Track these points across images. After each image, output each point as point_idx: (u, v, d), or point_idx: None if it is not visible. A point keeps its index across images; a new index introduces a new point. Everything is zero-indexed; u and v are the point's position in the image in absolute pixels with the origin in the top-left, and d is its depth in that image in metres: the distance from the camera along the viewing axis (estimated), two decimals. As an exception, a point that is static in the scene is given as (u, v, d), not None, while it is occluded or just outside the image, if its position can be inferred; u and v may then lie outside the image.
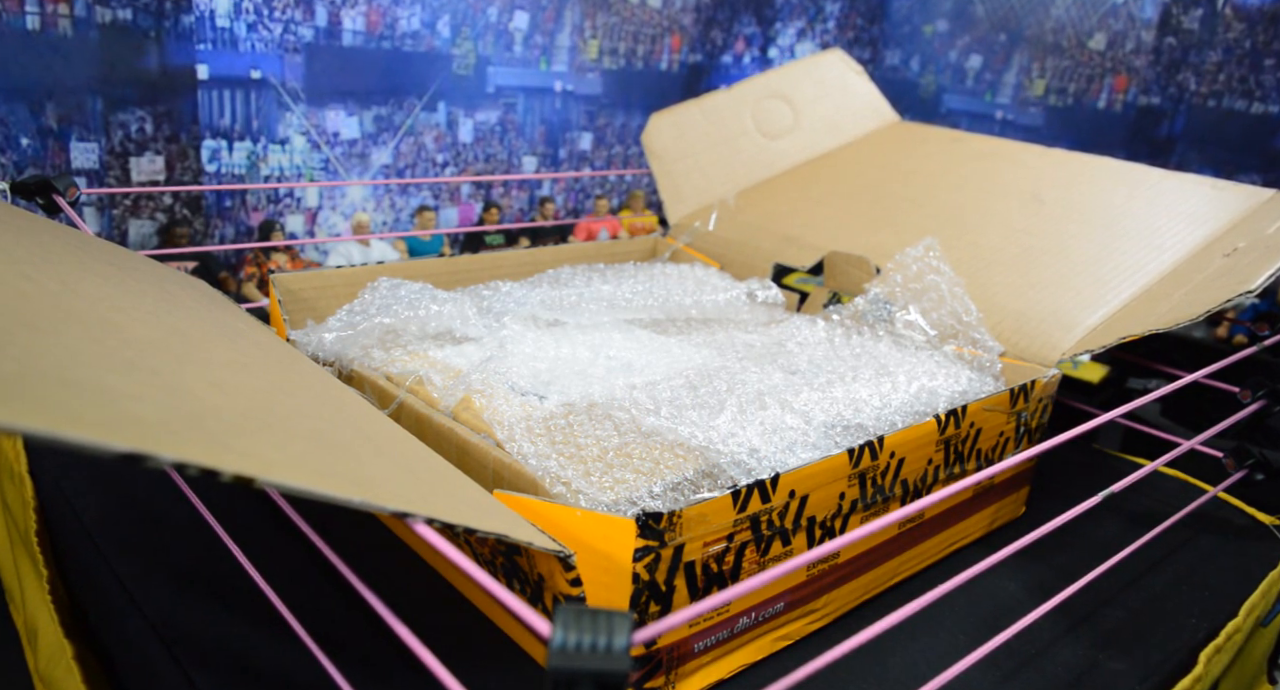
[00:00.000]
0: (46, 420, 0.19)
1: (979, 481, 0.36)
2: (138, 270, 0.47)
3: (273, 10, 3.32)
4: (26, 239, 0.41)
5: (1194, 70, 3.89)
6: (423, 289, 0.61)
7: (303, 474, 0.24)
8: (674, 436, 0.47)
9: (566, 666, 0.21)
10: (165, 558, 0.49)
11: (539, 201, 4.22)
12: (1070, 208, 0.74)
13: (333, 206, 3.69)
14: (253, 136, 3.38)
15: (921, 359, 0.61)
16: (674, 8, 4.38)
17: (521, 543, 0.31)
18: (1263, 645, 0.61)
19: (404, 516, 0.26)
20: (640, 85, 4.39)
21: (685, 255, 0.84)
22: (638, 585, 0.37)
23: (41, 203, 0.63)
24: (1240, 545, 0.60)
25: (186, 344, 0.35)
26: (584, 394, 0.52)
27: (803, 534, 0.43)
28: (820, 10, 4.91)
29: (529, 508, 0.38)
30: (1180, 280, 0.63)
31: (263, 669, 0.41)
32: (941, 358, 0.61)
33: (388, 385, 0.53)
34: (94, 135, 3.08)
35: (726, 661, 0.43)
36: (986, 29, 4.46)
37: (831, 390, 0.54)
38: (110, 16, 3.01)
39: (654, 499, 0.42)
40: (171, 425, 0.23)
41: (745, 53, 4.78)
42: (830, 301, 0.76)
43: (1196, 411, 0.66)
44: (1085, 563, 0.48)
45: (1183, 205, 0.73)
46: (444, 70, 3.78)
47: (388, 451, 0.36)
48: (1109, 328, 0.60)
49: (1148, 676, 0.46)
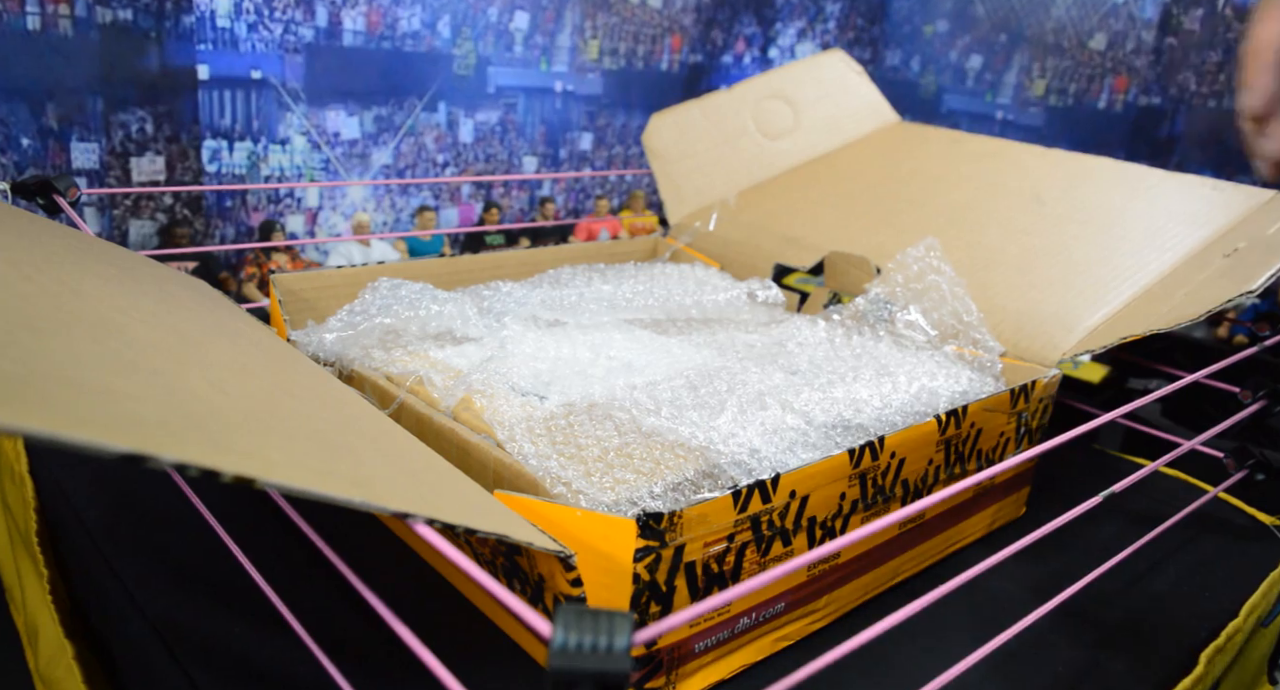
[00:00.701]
0: (47, 421, 0.19)
1: (979, 482, 0.36)
2: (138, 270, 0.47)
3: (273, 10, 3.32)
4: (27, 239, 0.41)
5: (1194, 70, 3.88)
6: (423, 289, 0.61)
7: (303, 474, 0.24)
8: (674, 437, 0.47)
9: (567, 667, 0.21)
10: (165, 558, 0.49)
11: (539, 202, 4.23)
12: (1070, 208, 0.74)
13: (333, 207, 3.70)
14: (253, 137, 3.38)
15: (922, 359, 0.61)
16: (674, 8, 4.38)
17: (522, 543, 0.31)
18: (1263, 646, 0.61)
19: (404, 517, 0.26)
20: (640, 85, 4.39)
21: (685, 255, 0.84)
22: (638, 585, 0.37)
23: (42, 203, 0.63)
24: (1240, 545, 0.60)
25: (187, 344, 0.35)
26: (584, 394, 0.52)
27: (803, 534, 0.43)
28: (820, 10, 4.91)
29: (529, 508, 0.38)
30: (1181, 280, 0.63)
31: (263, 669, 0.41)
32: (942, 358, 0.61)
33: (388, 385, 0.53)
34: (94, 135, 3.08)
35: (727, 662, 0.43)
36: (987, 29, 4.46)
37: (832, 390, 0.54)
38: (111, 17, 3.01)
39: (654, 499, 0.42)
40: (172, 426, 0.23)
41: (745, 53, 4.78)
42: (830, 301, 0.76)
43: (1197, 412, 0.66)
44: (1085, 563, 0.48)
45: (1183, 205, 0.73)
46: (444, 70, 3.78)
47: (388, 452, 0.36)
48: (1110, 328, 0.60)
49: (1148, 676, 0.46)
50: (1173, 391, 0.52)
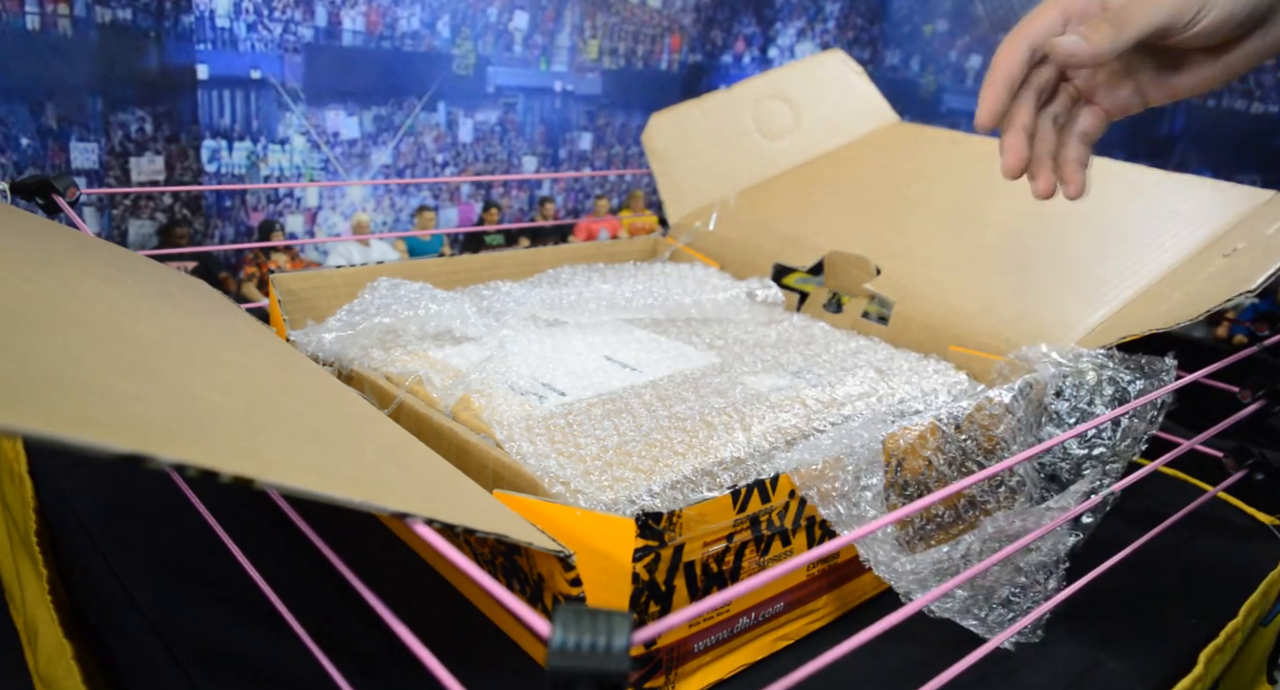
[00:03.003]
0: (46, 421, 0.19)
1: (979, 481, 0.36)
2: (138, 271, 0.47)
3: (273, 10, 3.32)
4: (26, 239, 0.41)
5: (1194, 70, 3.88)
6: (422, 289, 0.61)
7: (302, 474, 0.24)
8: (674, 436, 0.47)
9: (566, 666, 0.21)
10: (165, 558, 0.49)
11: (539, 201, 4.23)
12: (1070, 208, 0.74)
13: (333, 206, 3.70)
14: (253, 136, 3.38)
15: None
16: (674, 8, 4.38)
17: (521, 542, 0.31)
18: (1263, 645, 0.61)
19: (404, 517, 0.26)
20: (640, 85, 4.39)
21: (685, 255, 0.84)
22: (637, 585, 0.37)
23: (41, 203, 0.63)
24: (1240, 545, 0.60)
25: (186, 344, 0.35)
26: (584, 394, 0.52)
27: (803, 534, 0.43)
28: (820, 10, 4.91)
29: (529, 508, 0.38)
30: (1180, 280, 0.63)
31: (263, 669, 0.41)
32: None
33: (387, 385, 0.53)
34: (94, 135, 3.08)
35: (726, 661, 0.43)
36: (986, 29, 4.46)
37: (832, 390, 0.55)
38: (110, 16, 3.01)
39: (654, 498, 0.42)
40: (171, 426, 0.23)
41: (745, 53, 4.78)
42: (830, 301, 0.76)
43: (1196, 411, 0.66)
44: (1085, 563, 0.48)
45: (1183, 206, 0.73)
46: (444, 70, 3.78)
47: (387, 452, 0.36)
48: (1109, 327, 0.60)
49: (1148, 676, 0.46)
50: (1172, 391, 0.52)
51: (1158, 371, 0.53)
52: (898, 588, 0.41)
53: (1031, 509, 0.50)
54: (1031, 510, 0.48)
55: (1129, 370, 0.54)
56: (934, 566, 0.43)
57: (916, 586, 0.41)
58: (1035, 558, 0.46)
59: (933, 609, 0.43)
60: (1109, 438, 0.53)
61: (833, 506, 0.41)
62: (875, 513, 0.41)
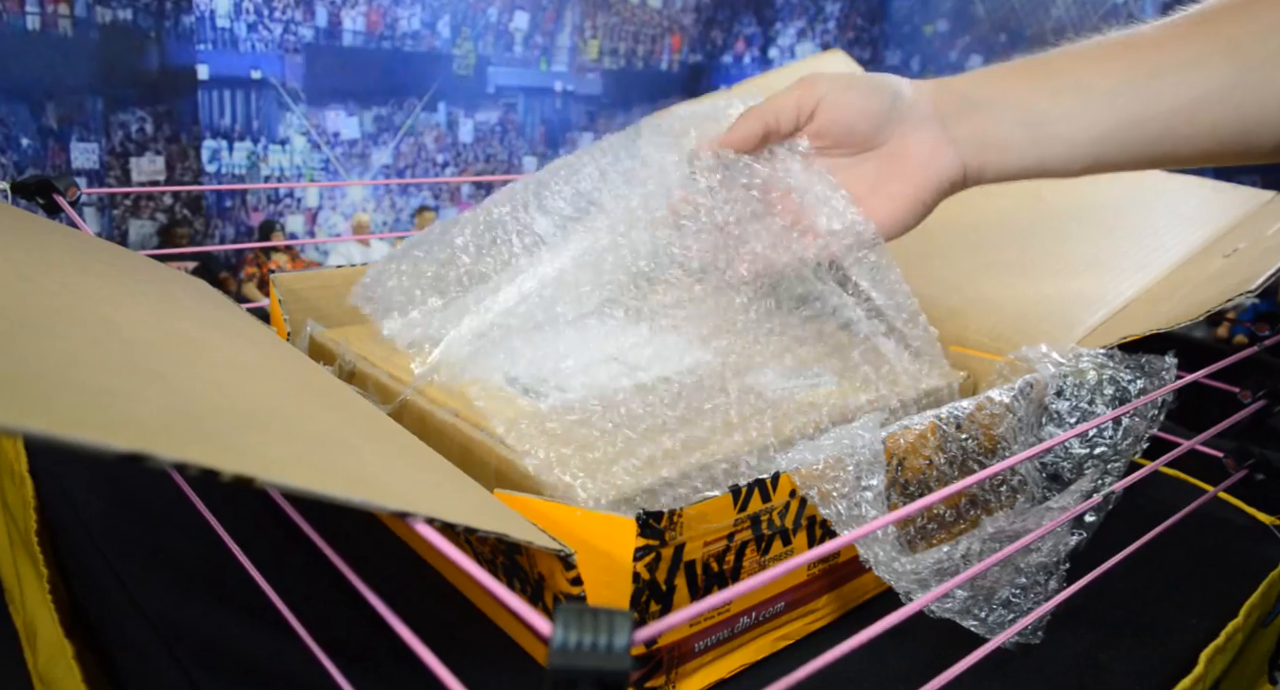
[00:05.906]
0: (46, 420, 0.19)
1: (979, 481, 0.36)
2: (138, 270, 0.47)
3: (273, 10, 3.33)
4: (26, 239, 0.41)
5: (1194, 70, 3.88)
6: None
7: (303, 473, 0.24)
8: (675, 435, 0.47)
9: (567, 665, 0.21)
10: (165, 557, 0.49)
11: (539, 201, 4.22)
12: (1070, 208, 0.74)
13: (333, 206, 3.70)
14: (253, 137, 3.38)
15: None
16: (674, 8, 4.38)
17: (522, 542, 0.31)
18: (1263, 646, 0.61)
19: (404, 516, 0.26)
20: (640, 85, 4.39)
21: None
22: (638, 584, 0.37)
23: (41, 203, 0.63)
24: (1240, 545, 0.60)
25: (187, 344, 0.35)
26: (586, 392, 0.52)
27: (803, 533, 0.43)
28: (820, 10, 4.91)
29: (529, 507, 0.38)
30: (1181, 280, 0.63)
31: (263, 669, 0.41)
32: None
33: (389, 383, 0.53)
34: (94, 135, 3.08)
35: (727, 661, 0.43)
36: (986, 29, 4.47)
37: (833, 390, 0.55)
38: (110, 17, 3.01)
39: (654, 498, 0.42)
40: (172, 425, 0.23)
41: (745, 53, 4.78)
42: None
43: (1197, 411, 0.66)
44: (1085, 563, 0.48)
45: (1183, 206, 0.73)
46: (444, 70, 3.78)
47: (388, 451, 0.36)
48: (1110, 328, 0.60)
49: (1148, 676, 0.46)
50: (1172, 391, 0.52)
51: (1158, 370, 0.53)
52: (898, 588, 0.41)
53: (1031, 509, 0.50)
54: (1031, 510, 0.48)
55: (1130, 370, 0.54)
56: (934, 566, 0.43)
57: (917, 586, 0.41)
58: (1036, 558, 0.46)
59: (933, 609, 0.43)
60: (1111, 437, 0.53)
61: (833, 506, 0.41)
62: (876, 513, 0.41)
